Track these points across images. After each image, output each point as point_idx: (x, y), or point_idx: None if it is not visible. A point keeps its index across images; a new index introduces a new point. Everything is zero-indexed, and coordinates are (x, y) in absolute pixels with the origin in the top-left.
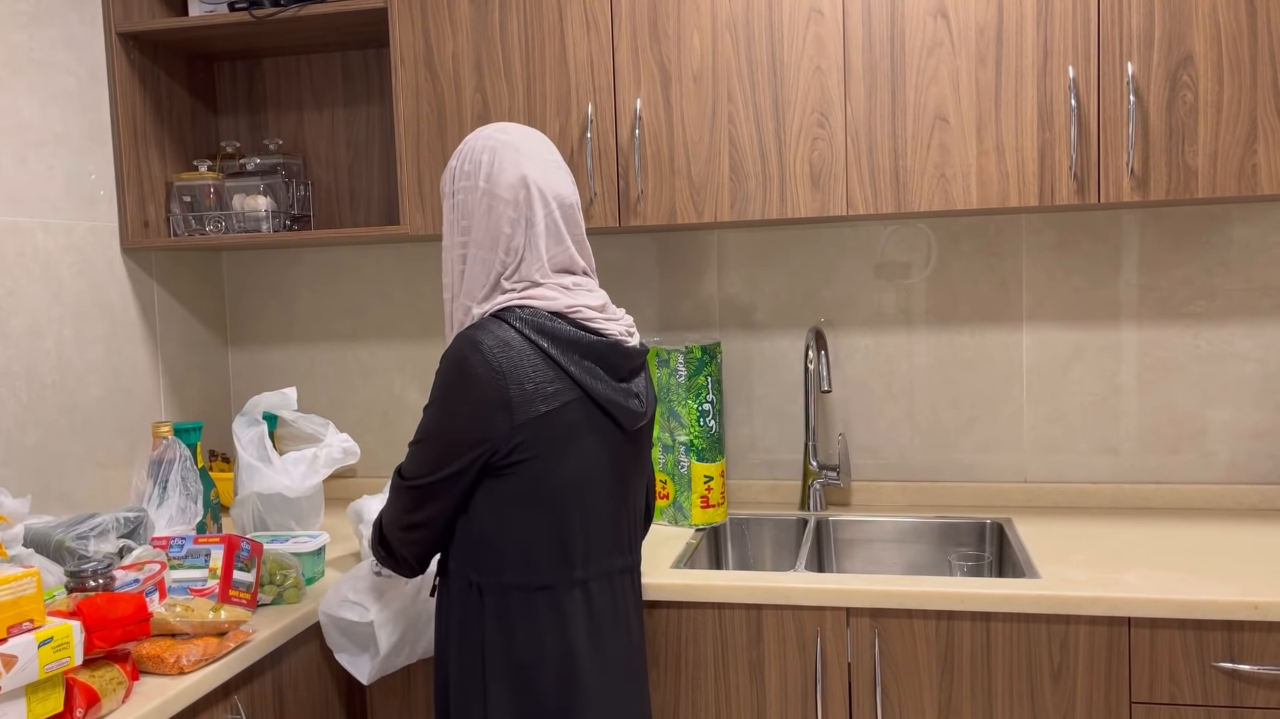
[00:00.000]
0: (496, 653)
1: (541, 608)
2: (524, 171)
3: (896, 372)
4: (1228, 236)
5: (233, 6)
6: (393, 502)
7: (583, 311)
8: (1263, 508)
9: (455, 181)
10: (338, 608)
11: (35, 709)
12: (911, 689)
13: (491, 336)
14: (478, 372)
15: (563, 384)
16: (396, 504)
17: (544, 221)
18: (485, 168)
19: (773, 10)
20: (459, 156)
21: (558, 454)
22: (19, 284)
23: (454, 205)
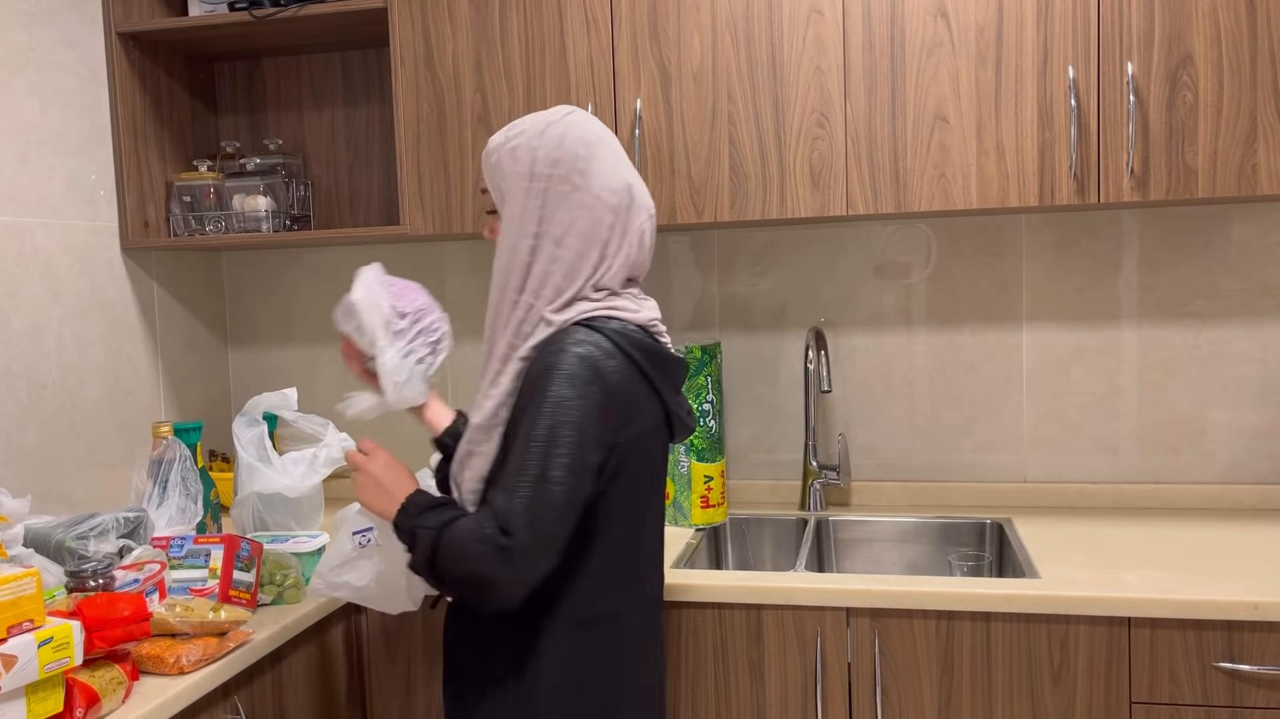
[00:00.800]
0: (560, 692)
1: (617, 638)
2: (628, 179)
3: (896, 371)
4: (1228, 236)
5: (233, 6)
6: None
7: (656, 325)
8: (1263, 508)
9: (538, 165)
10: (330, 592)
11: (35, 709)
12: (911, 689)
13: (600, 348)
14: (611, 381)
15: (653, 401)
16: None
17: (637, 232)
18: (582, 162)
19: (773, 10)
20: (541, 138)
21: (641, 473)
22: (19, 284)
23: (534, 191)
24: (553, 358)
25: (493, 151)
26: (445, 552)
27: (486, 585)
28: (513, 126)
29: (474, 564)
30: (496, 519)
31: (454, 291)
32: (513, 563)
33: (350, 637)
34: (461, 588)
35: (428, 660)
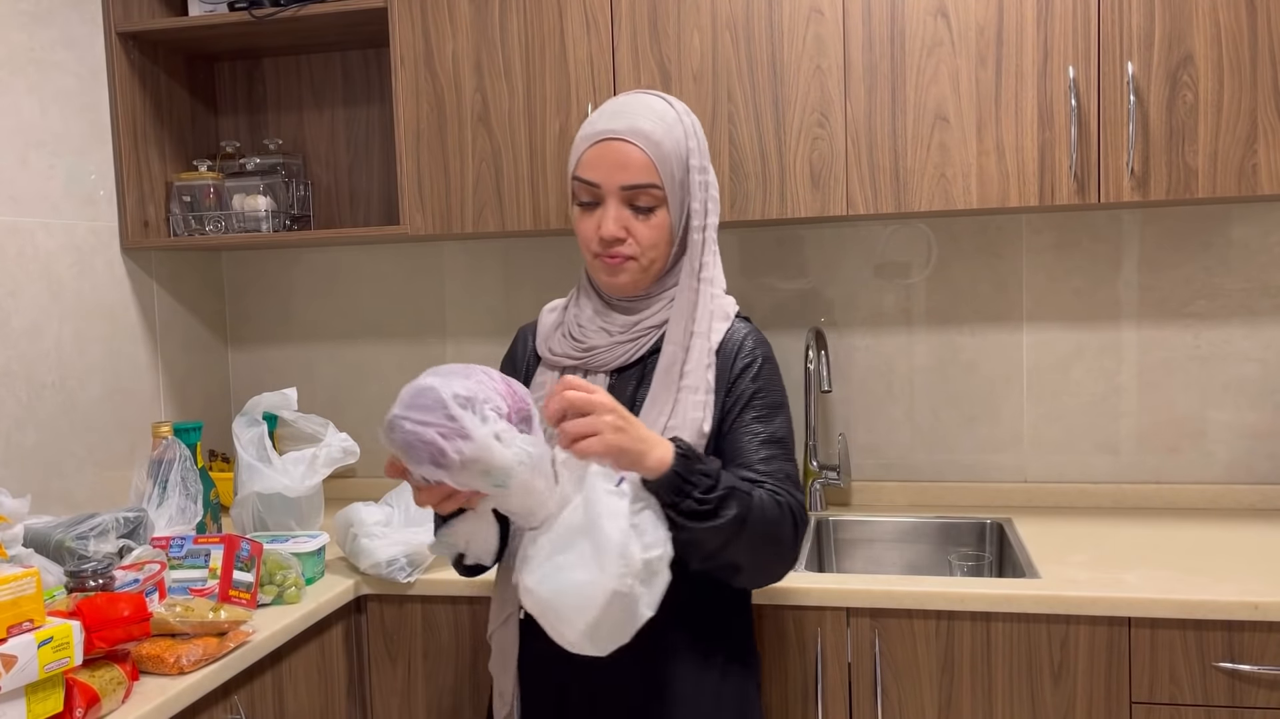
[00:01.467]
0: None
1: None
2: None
3: (896, 371)
4: (1228, 236)
5: (233, 6)
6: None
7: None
8: (1263, 508)
9: (704, 157)
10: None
11: (35, 709)
12: (911, 689)
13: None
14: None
15: None
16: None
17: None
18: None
19: (773, 10)
20: (698, 129)
21: None
22: (19, 284)
23: (704, 184)
24: (762, 348)
25: (674, 139)
26: (760, 513)
27: (789, 557)
28: (662, 112)
29: (785, 530)
30: (791, 493)
31: (453, 291)
32: (802, 539)
33: (350, 637)
34: (758, 556)
35: (428, 660)
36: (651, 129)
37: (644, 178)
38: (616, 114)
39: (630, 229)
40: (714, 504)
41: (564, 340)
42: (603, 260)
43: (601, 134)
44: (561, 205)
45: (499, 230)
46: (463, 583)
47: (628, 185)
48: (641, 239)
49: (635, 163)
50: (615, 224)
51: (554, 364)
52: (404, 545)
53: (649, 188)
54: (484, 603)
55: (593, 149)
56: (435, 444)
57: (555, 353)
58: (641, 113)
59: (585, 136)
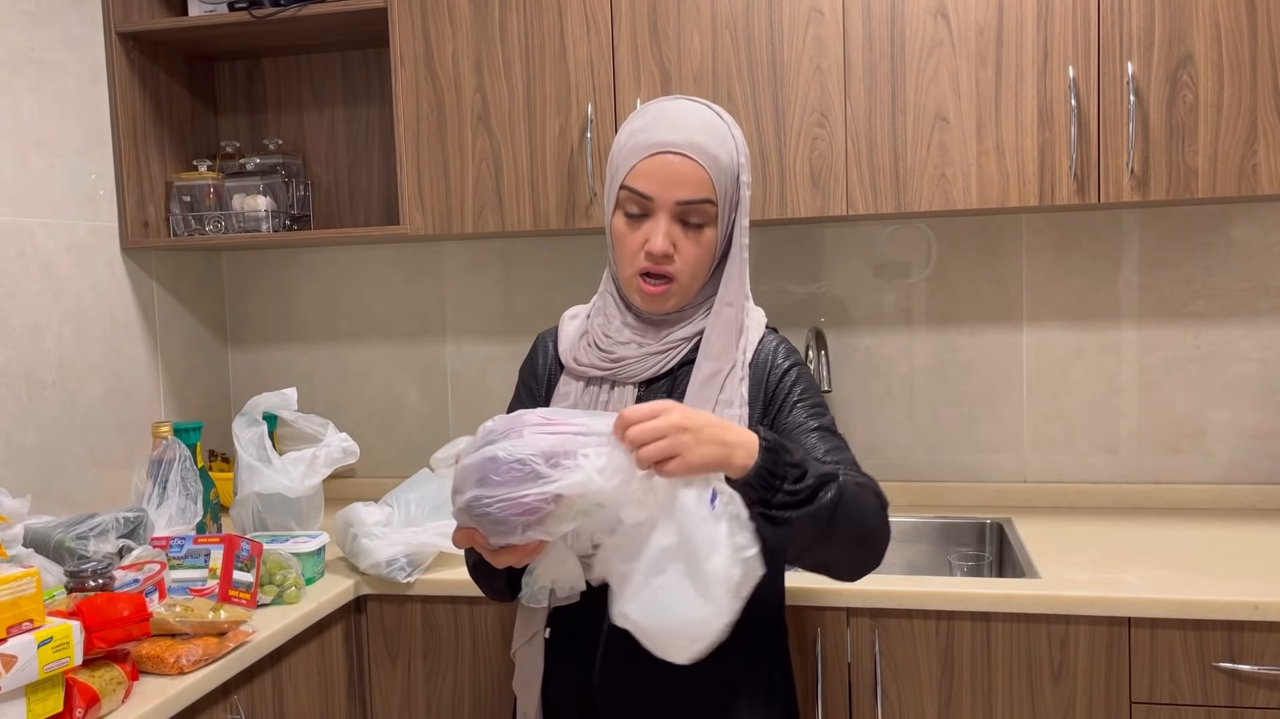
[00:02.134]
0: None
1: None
2: None
3: (896, 372)
4: (1228, 236)
5: (232, 6)
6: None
7: None
8: (1263, 508)
9: (748, 169)
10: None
11: (35, 709)
12: (911, 689)
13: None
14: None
15: None
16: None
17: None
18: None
19: (773, 10)
20: (742, 140)
21: None
22: (19, 284)
23: (744, 204)
24: (794, 356)
25: (729, 154)
26: (852, 495)
27: (884, 539)
28: (716, 126)
29: (876, 511)
30: (867, 476)
31: (453, 291)
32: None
33: (350, 637)
34: (854, 541)
35: (428, 660)
36: (710, 144)
37: (699, 193)
38: (674, 125)
39: (678, 245)
40: (806, 493)
41: (590, 350)
42: (642, 284)
43: (660, 146)
44: (561, 205)
45: (499, 230)
46: (462, 583)
47: (684, 200)
48: (688, 257)
49: (693, 179)
50: (666, 239)
51: (579, 374)
52: (404, 545)
53: (704, 204)
54: (484, 603)
55: (649, 160)
56: (534, 509)
57: (581, 363)
58: (699, 125)
59: (641, 145)
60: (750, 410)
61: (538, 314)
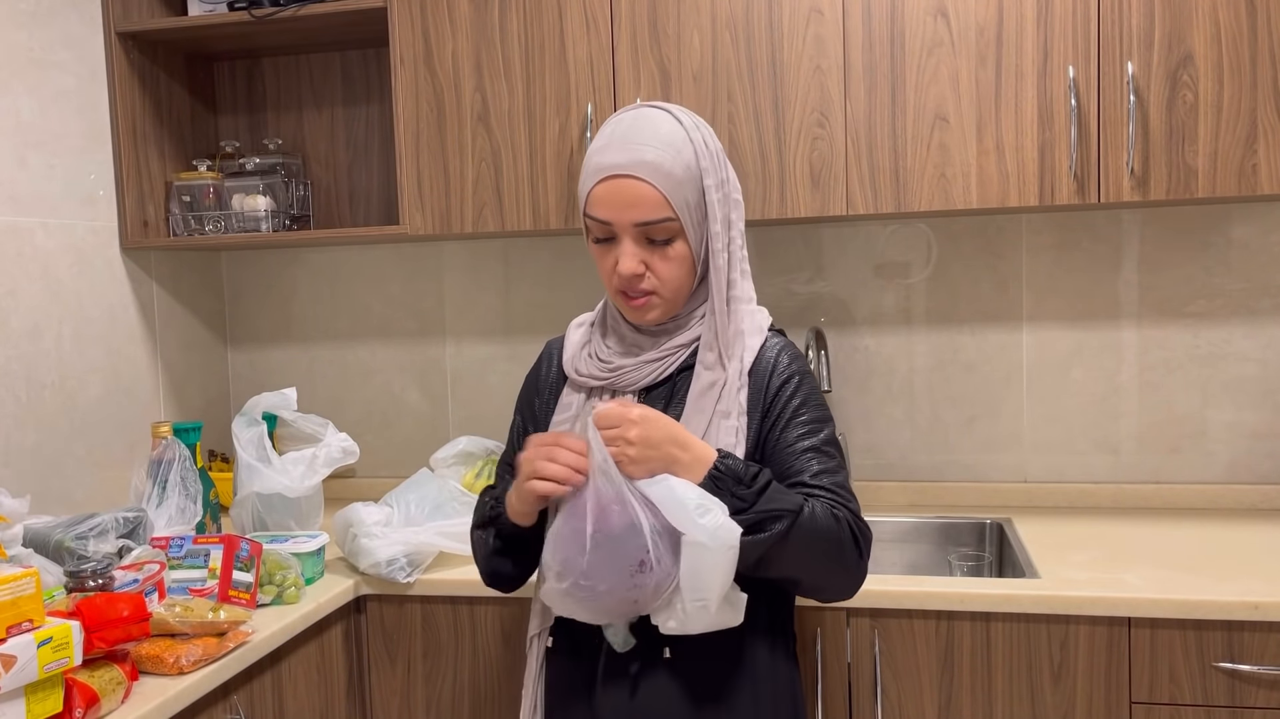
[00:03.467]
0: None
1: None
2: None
3: (896, 371)
4: (1228, 236)
5: (232, 6)
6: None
7: None
8: (1263, 508)
9: (721, 168)
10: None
11: (35, 709)
12: (911, 689)
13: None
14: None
15: None
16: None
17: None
18: (731, 171)
19: (772, 10)
20: (709, 140)
21: None
22: (19, 284)
23: (723, 199)
24: (797, 362)
25: (685, 164)
26: (811, 527)
27: (852, 570)
28: (670, 136)
29: (843, 543)
30: (847, 505)
31: (453, 291)
32: (866, 551)
33: (350, 637)
34: (815, 569)
35: (428, 660)
36: (659, 158)
37: (656, 214)
38: (623, 144)
39: (649, 264)
40: (748, 525)
41: (590, 361)
42: (625, 300)
43: (609, 170)
44: (561, 205)
45: (499, 230)
46: (463, 583)
47: (640, 222)
48: (662, 274)
49: (646, 199)
50: (633, 261)
51: (580, 385)
52: (404, 545)
53: (662, 223)
54: (483, 603)
55: (600, 186)
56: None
57: (581, 374)
58: (648, 140)
59: (591, 170)
60: (749, 419)
61: (537, 314)
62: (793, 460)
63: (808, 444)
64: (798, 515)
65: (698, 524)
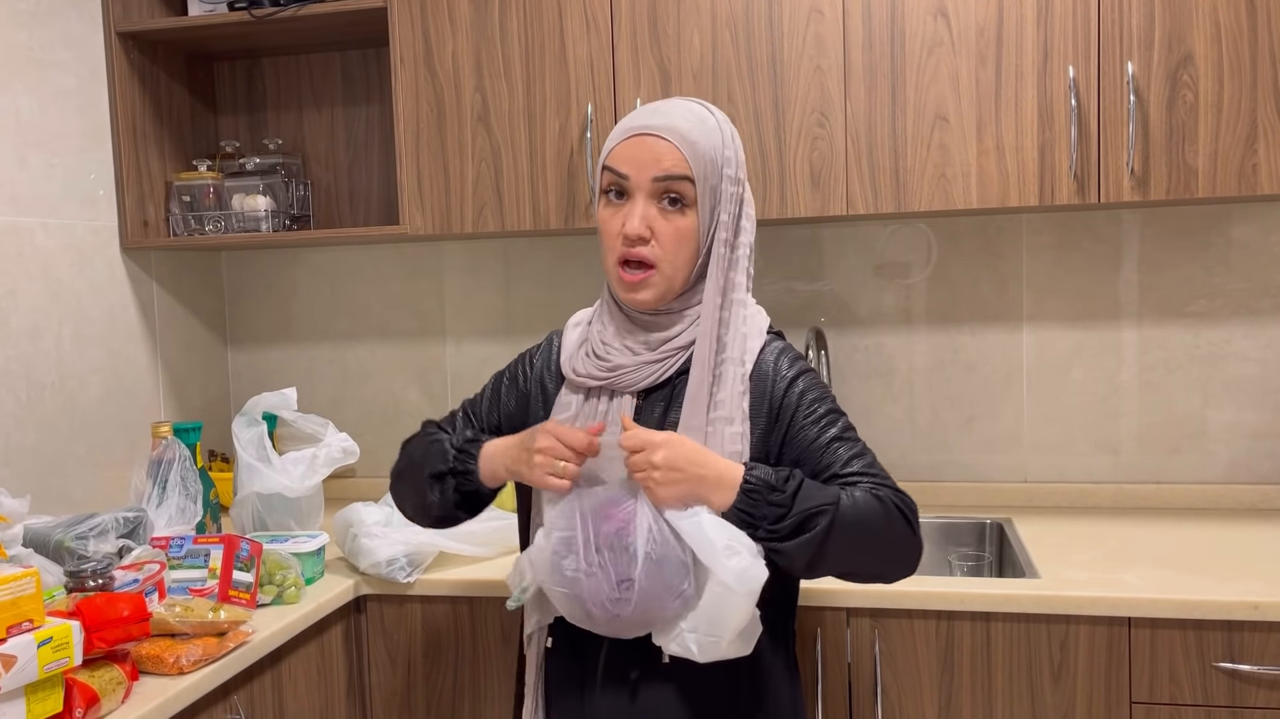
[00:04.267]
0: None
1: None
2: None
3: (896, 371)
4: (1228, 236)
5: (232, 6)
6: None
7: None
8: (1263, 508)
9: (740, 169)
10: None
11: (35, 709)
12: (911, 689)
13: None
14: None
15: None
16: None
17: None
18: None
19: (773, 10)
20: (737, 140)
21: None
22: (19, 284)
23: (735, 197)
24: (799, 363)
25: (711, 143)
26: (855, 516)
27: (909, 547)
28: (703, 116)
29: (893, 523)
30: (889, 485)
31: (453, 291)
32: (918, 526)
33: (350, 637)
34: (868, 556)
35: (428, 660)
36: (689, 129)
37: (676, 169)
38: (655, 112)
39: (655, 229)
40: (787, 530)
41: (588, 360)
42: (622, 273)
43: (638, 129)
44: (561, 205)
45: (499, 230)
46: (463, 583)
47: (659, 176)
48: (665, 241)
49: (668, 156)
50: (641, 221)
51: (578, 385)
52: (404, 545)
53: (680, 179)
54: (483, 603)
55: (627, 142)
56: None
57: (579, 373)
58: (680, 114)
59: (619, 131)
60: (752, 425)
61: (537, 314)
62: (821, 455)
63: (831, 435)
64: (837, 507)
65: (725, 565)
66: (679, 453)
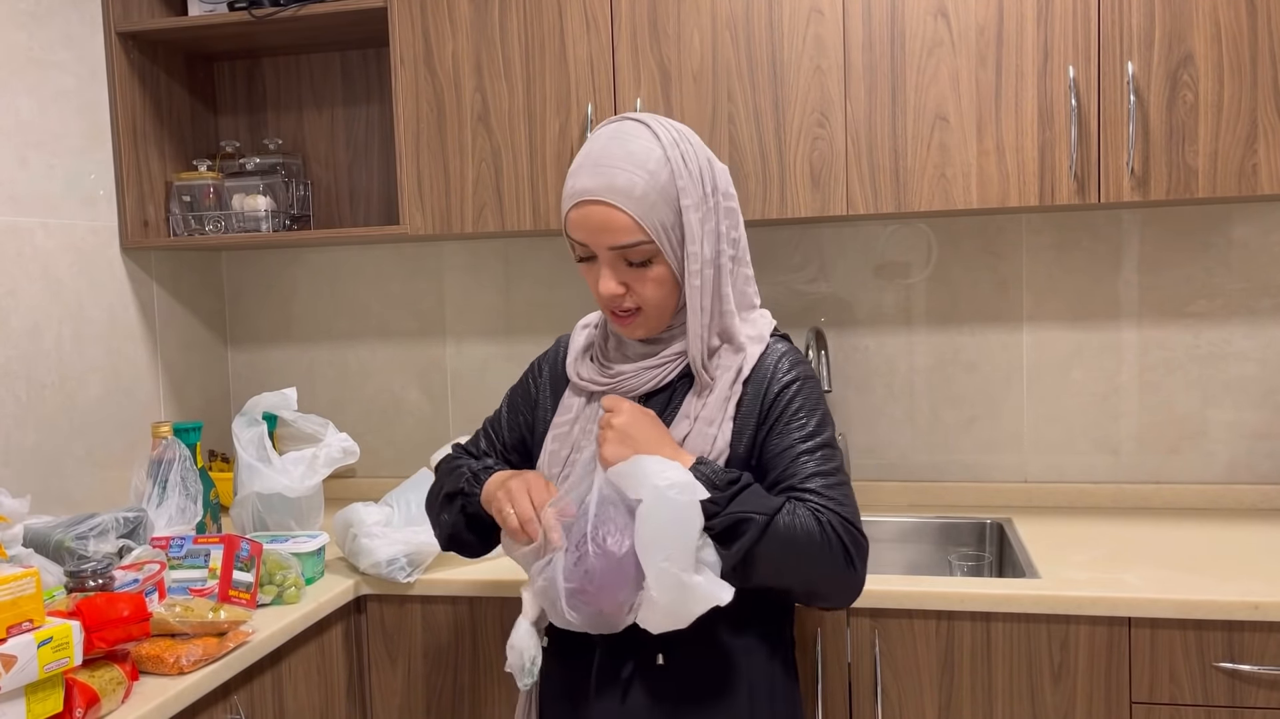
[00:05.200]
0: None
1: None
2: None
3: (896, 371)
4: (1228, 236)
5: (232, 6)
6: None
7: None
8: (1263, 508)
9: (705, 183)
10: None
11: (35, 709)
12: (911, 689)
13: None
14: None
15: None
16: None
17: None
18: (722, 177)
19: (773, 10)
20: (691, 154)
21: None
22: (19, 284)
23: (703, 219)
24: (799, 368)
25: (659, 187)
26: (788, 535)
27: (841, 574)
28: (644, 157)
29: (826, 547)
30: (838, 509)
31: (453, 291)
32: (857, 554)
33: (350, 637)
34: (796, 576)
35: (428, 660)
36: (630, 183)
37: (628, 238)
38: (594, 168)
39: (630, 284)
40: (717, 531)
41: (591, 365)
42: (613, 316)
43: (580, 195)
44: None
45: (499, 230)
46: (463, 583)
47: (614, 246)
48: (643, 293)
49: (617, 225)
50: (613, 282)
51: (581, 389)
52: (404, 545)
53: (635, 246)
54: (483, 603)
55: (574, 211)
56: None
57: (583, 378)
58: (619, 163)
59: (567, 195)
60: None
61: (538, 314)
62: (786, 464)
63: (802, 448)
64: (771, 519)
65: (653, 486)
66: (639, 425)
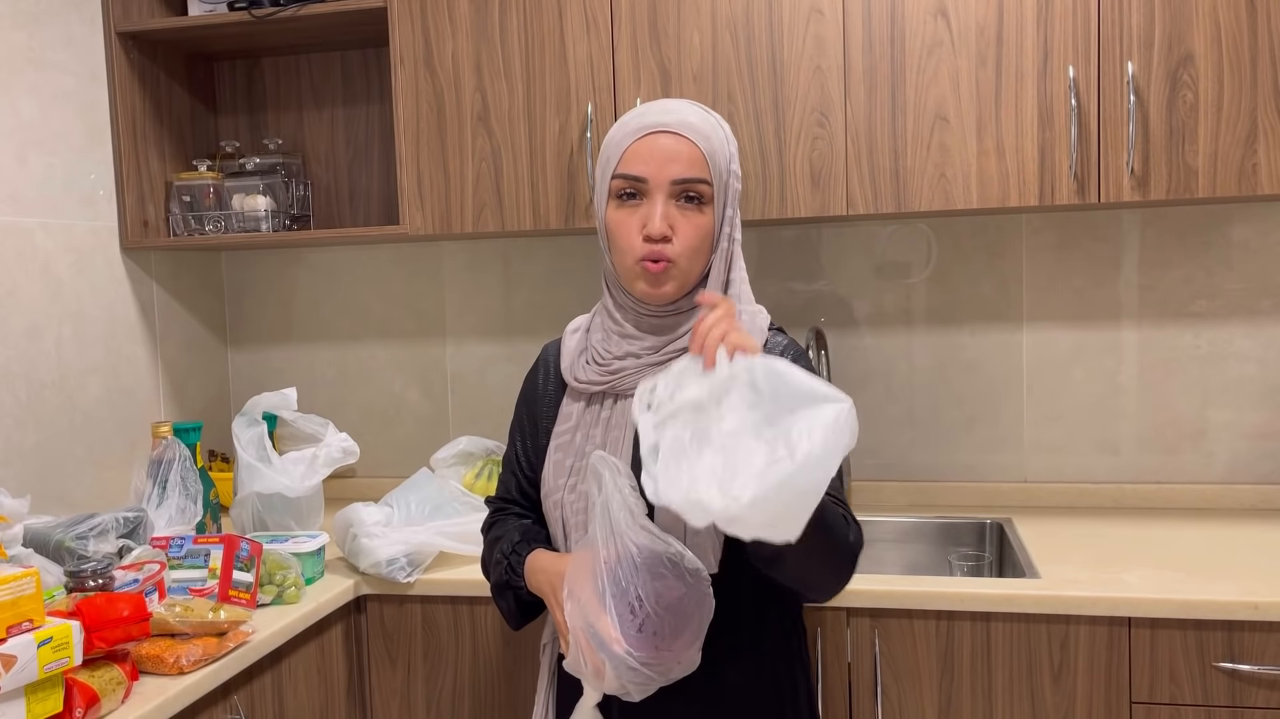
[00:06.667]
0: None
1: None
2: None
3: (896, 372)
4: (1228, 236)
5: (232, 6)
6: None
7: None
8: (1263, 508)
9: (737, 164)
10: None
11: (35, 709)
12: (911, 689)
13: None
14: None
15: None
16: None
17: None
18: (735, 162)
19: (772, 10)
20: (731, 134)
21: None
22: (19, 284)
23: (737, 194)
24: (800, 361)
25: (720, 140)
26: (832, 518)
27: (847, 570)
28: (705, 115)
29: (849, 541)
30: (847, 507)
31: (453, 291)
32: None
33: (350, 637)
34: (822, 564)
35: (428, 660)
36: (702, 125)
37: (696, 172)
38: (663, 109)
39: (675, 227)
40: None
41: (588, 367)
42: (645, 266)
43: (650, 127)
44: (561, 205)
45: (499, 230)
46: (463, 583)
47: (679, 179)
48: (685, 239)
49: (687, 156)
50: (663, 220)
51: (580, 392)
52: (404, 545)
53: (700, 182)
54: (484, 603)
55: (640, 142)
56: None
57: (581, 380)
58: (689, 110)
59: (632, 130)
60: None
61: (537, 314)
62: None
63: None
64: (823, 506)
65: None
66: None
